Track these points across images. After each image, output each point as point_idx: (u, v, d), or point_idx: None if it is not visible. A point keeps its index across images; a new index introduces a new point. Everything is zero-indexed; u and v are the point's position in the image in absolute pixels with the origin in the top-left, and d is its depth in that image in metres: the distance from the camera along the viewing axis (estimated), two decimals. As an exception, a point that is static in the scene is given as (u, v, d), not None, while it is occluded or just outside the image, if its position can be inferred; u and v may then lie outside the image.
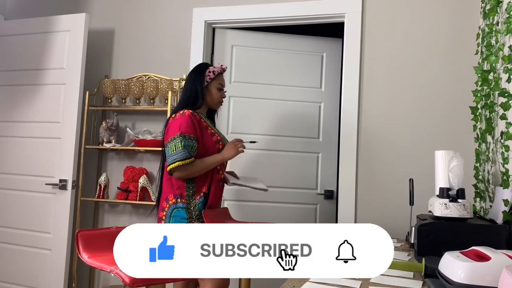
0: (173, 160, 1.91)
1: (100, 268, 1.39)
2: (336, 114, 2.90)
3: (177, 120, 1.96)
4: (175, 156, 1.91)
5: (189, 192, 1.97)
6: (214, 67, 2.13)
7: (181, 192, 1.96)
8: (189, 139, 1.93)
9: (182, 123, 1.94)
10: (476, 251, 1.08)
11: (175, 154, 1.91)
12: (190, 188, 1.98)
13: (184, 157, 1.90)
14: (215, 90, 2.11)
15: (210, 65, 2.15)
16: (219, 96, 2.14)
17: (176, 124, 1.95)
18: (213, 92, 2.11)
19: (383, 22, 2.59)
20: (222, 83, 2.16)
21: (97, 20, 3.08)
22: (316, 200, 2.89)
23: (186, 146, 1.91)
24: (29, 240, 2.82)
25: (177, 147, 1.91)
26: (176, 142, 1.92)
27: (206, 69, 2.12)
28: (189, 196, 1.96)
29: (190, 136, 1.93)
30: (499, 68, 1.87)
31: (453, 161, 1.57)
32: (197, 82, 2.08)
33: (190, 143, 1.93)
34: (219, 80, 2.13)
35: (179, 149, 1.91)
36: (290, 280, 1.20)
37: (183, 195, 1.96)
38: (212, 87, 2.11)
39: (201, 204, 1.97)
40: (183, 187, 1.97)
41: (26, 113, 2.94)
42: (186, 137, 1.92)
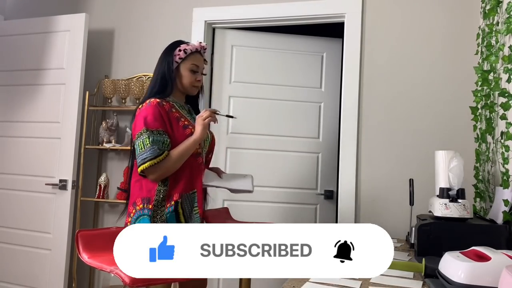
0: (142, 160, 1.62)
1: (100, 268, 1.39)
2: (336, 114, 2.90)
3: (143, 111, 1.68)
4: (144, 155, 1.62)
5: (159, 196, 1.66)
6: (187, 44, 1.82)
7: (150, 196, 1.66)
8: (158, 134, 1.64)
9: (147, 115, 1.65)
10: (476, 251, 1.08)
11: (144, 152, 1.62)
12: (161, 191, 1.67)
13: (154, 155, 1.61)
14: (186, 72, 1.79)
15: (182, 43, 1.84)
16: (193, 79, 1.80)
17: (141, 116, 1.67)
18: (184, 74, 1.79)
19: (383, 22, 2.59)
20: (197, 63, 1.81)
21: (97, 20, 3.07)
22: (316, 200, 2.89)
23: (155, 142, 1.62)
24: (29, 240, 2.82)
25: (145, 144, 1.62)
26: (143, 138, 1.63)
27: (176, 47, 1.80)
28: (158, 202, 1.66)
29: (158, 130, 1.65)
30: (499, 68, 1.87)
31: (453, 161, 1.57)
32: (164, 64, 1.78)
33: (160, 138, 1.64)
34: (192, 60, 1.80)
35: (147, 146, 1.62)
36: (290, 280, 1.20)
37: (151, 200, 1.66)
38: (183, 68, 1.79)
39: (171, 216, 1.65)
40: (154, 190, 1.67)
41: (26, 113, 2.94)
42: (154, 132, 1.64)
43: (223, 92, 2.91)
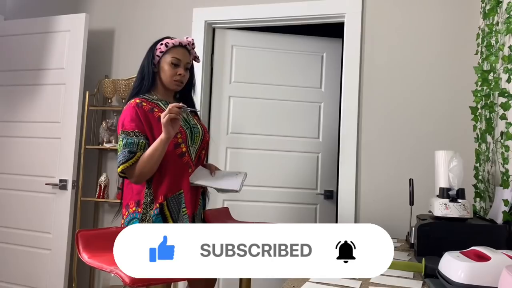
0: (118, 163, 1.61)
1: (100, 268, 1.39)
2: (336, 114, 2.90)
3: (122, 113, 1.67)
4: (118, 159, 1.61)
5: (147, 199, 1.66)
6: (170, 38, 1.77)
7: (140, 199, 1.66)
8: (134, 136, 1.61)
9: (125, 117, 1.64)
10: (476, 251, 1.08)
11: (118, 156, 1.61)
12: (148, 194, 1.66)
13: (125, 159, 1.58)
14: (167, 66, 1.72)
15: (167, 38, 1.79)
16: (173, 72, 1.72)
17: (121, 118, 1.67)
18: (164, 68, 1.73)
19: (383, 22, 2.59)
20: (178, 57, 1.74)
21: (97, 20, 3.07)
22: (316, 200, 2.89)
23: (127, 145, 1.60)
24: (29, 240, 2.82)
25: (120, 147, 1.62)
26: (119, 141, 1.63)
27: (157, 42, 1.77)
28: (146, 205, 1.65)
29: (134, 132, 1.62)
30: (499, 68, 1.87)
31: (453, 161, 1.57)
32: (145, 59, 1.76)
33: (134, 139, 1.61)
34: (172, 53, 1.73)
35: (121, 149, 1.61)
36: (290, 280, 1.20)
37: (141, 203, 1.66)
38: (163, 62, 1.74)
39: (157, 219, 1.62)
40: (142, 193, 1.66)
41: (26, 113, 2.94)
42: (130, 134, 1.61)
43: (223, 92, 2.91)
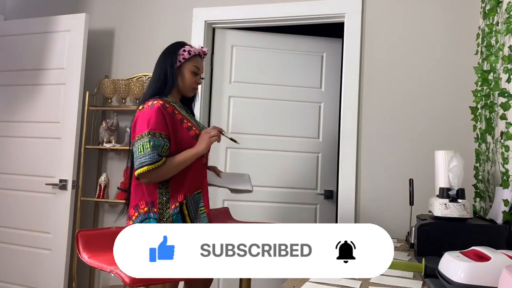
0: (140, 164, 1.62)
1: (100, 268, 1.39)
2: (336, 114, 2.90)
3: (146, 113, 1.67)
4: (142, 159, 1.62)
5: (163, 199, 1.68)
6: (190, 46, 1.84)
7: (153, 199, 1.68)
8: (160, 138, 1.65)
9: (150, 117, 1.65)
10: (476, 251, 1.08)
11: (142, 156, 1.62)
12: (163, 194, 1.69)
13: (153, 161, 1.61)
14: (188, 73, 1.81)
15: (186, 44, 1.86)
16: (193, 81, 1.83)
17: (144, 118, 1.67)
18: (186, 75, 1.81)
19: (383, 22, 2.59)
20: (198, 66, 1.85)
21: (97, 20, 3.07)
22: (316, 200, 2.89)
23: (155, 147, 1.63)
24: (29, 240, 2.82)
25: (145, 147, 1.63)
26: (144, 141, 1.63)
27: (180, 47, 1.83)
28: (162, 205, 1.67)
29: (160, 133, 1.65)
30: (499, 68, 1.87)
31: (453, 161, 1.57)
32: (168, 62, 1.79)
33: (161, 142, 1.64)
34: (194, 62, 1.83)
35: (147, 150, 1.62)
36: (290, 280, 1.20)
37: (156, 203, 1.67)
38: (185, 69, 1.81)
39: (177, 217, 1.66)
40: (156, 193, 1.68)
41: (26, 113, 2.94)
42: (156, 135, 1.64)
43: (223, 92, 2.91)
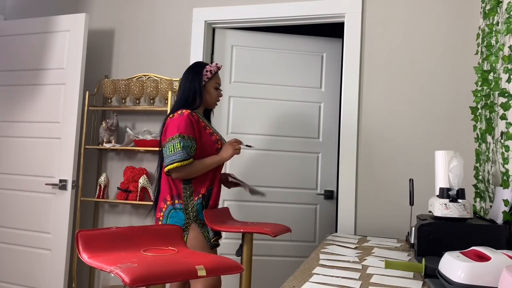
0: (171, 160, 1.91)
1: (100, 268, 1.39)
2: (336, 114, 2.90)
3: (176, 120, 1.96)
4: (173, 157, 1.91)
5: (187, 192, 1.98)
6: (210, 66, 2.13)
7: (179, 192, 1.97)
8: (188, 140, 1.93)
9: (180, 123, 1.94)
10: (476, 251, 1.08)
11: (173, 154, 1.91)
12: (187, 188, 1.99)
13: (182, 158, 1.90)
14: (212, 90, 2.12)
15: (206, 64, 2.16)
16: (216, 95, 2.15)
17: (175, 124, 1.95)
18: (211, 91, 2.12)
19: (383, 22, 2.59)
20: (219, 82, 2.17)
21: (97, 20, 3.08)
22: (316, 200, 2.89)
23: (185, 147, 1.92)
24: (29, 240, 2.82)
25: (176, 147, 1.92)
26: (175, 142, 1.92)
27: (203, 68, 2.12)
28: (186, 197, 1.97)
29: (189, 136, 1.94)
30: (499, 68, 1.88)
31: (453, 161, 1.57)
32: (195, 81, 2.09)
33: (189, 143, 1.93)
34: (216, 79, 2.14)
35: (177, 150, 1.91)
36: (290, 280, 1.20)
37: (181, 195, 1.97)
38: (210, 86, 2.12)
39: (200, 206, 1.97)
40: (180, 188, 1.98)
41: (26, 113, 2.94)
42: (185, 138, 1.93)
43: (223, 92, 2.91)
